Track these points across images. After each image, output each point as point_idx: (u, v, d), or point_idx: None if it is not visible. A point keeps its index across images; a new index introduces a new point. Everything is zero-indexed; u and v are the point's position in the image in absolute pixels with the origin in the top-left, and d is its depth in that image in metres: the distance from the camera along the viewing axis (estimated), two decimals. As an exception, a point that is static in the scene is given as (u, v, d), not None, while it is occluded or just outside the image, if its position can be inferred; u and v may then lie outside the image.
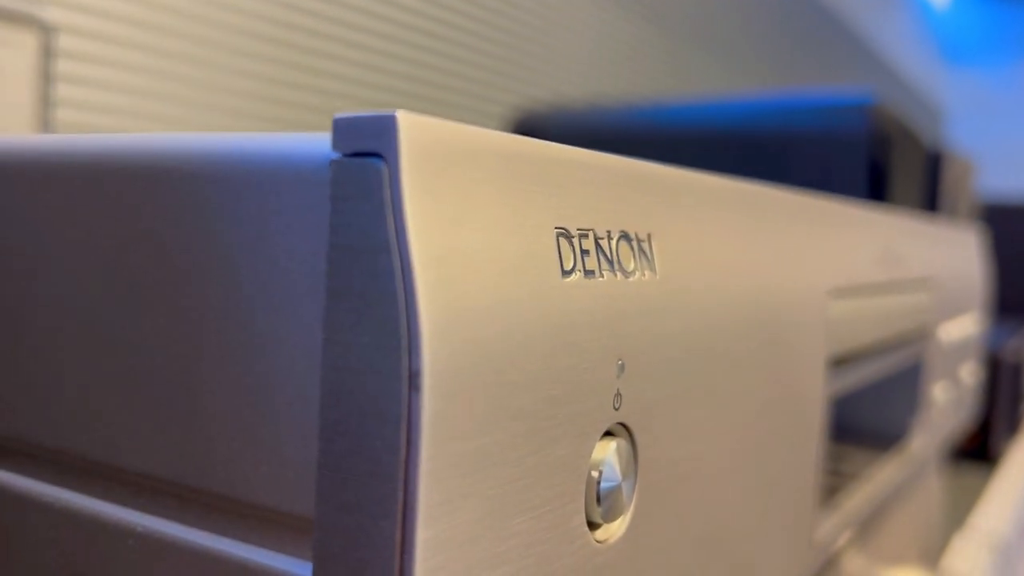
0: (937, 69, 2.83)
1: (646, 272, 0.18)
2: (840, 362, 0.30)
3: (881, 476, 0.37)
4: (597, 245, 0.17)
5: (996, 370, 0.97)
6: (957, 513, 0.79)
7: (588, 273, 0.16)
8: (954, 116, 2.94)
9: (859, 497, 0.34)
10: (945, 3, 2.74)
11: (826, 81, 1.74)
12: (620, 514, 0.17)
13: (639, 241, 0.18)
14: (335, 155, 0.13)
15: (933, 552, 0.55)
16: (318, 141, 0.14)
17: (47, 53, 0.51)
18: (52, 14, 0.51)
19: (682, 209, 0.20)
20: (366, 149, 0.12)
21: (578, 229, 0.16)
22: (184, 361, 0.15)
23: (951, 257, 0.48)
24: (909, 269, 0.38)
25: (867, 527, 0.42)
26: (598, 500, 0.16)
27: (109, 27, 0.53)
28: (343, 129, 0.13)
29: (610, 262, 0.17)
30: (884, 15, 2.24)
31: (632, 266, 0.17)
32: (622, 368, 0.17)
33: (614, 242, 0.17)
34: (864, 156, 0.69)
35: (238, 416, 0.15)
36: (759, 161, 0.67)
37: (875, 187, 0.66)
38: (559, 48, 0.93)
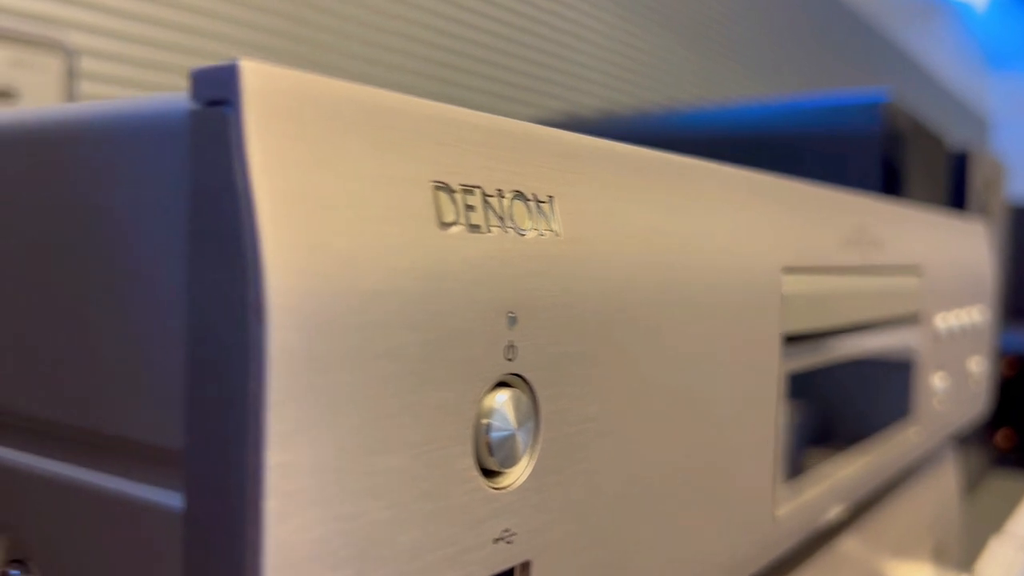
0: (980, 75, 2.79)
1: (546, 232, 0.18)
2: (800, 338, 0.30)
3: (869, 459, 0.37)
4: (485, 202, 0.17)
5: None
6: (998, 521, 0.78)
7: (473, 227, 0.17)
8: (999, 121, 2.88)
9: (838, 477, 0.34)
10: (984, 6, 2.70)
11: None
12: (516, 463, 0.18)
13: (538, 202, 0.18)
14: (194, 105, 0.14)
15: (951, 549, 0.54)
16: (183, 97, 0.14)
17: (71, 75, 0.53)
18: (75, 38, 0.53)
19: (596, 176, 0.20)
20: (216, 97, 0.13)
21: (461, 185, 0.17)
22: (74, 314, 0.16)
23: (950, 247, 0.48)
24: (892, 255, 0.38)
25: (868, 512, 0.42)
26: (491, 449, 0.17)
27: (131, 50, 0.55)
28: (198, 81, 0.14)
29: (501, 219, 0.17)
30: (923, 23, 2.22)
31: (528, 225, 0.18)
32: (514, 320, 0.17)
33: (506, 201, 0.18)
34: (878, 153, 0.69)
35: (122, 360, 0.15)
36: (778, 161, 0.67)
37: (890, 184, 0.66)
38: (577, 58, 0.94)
